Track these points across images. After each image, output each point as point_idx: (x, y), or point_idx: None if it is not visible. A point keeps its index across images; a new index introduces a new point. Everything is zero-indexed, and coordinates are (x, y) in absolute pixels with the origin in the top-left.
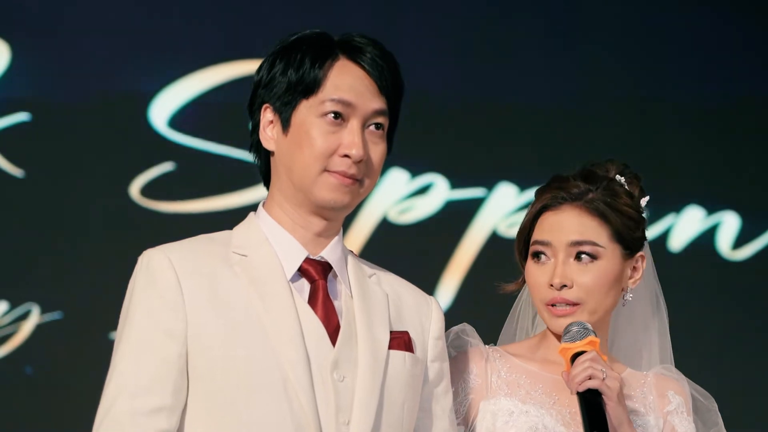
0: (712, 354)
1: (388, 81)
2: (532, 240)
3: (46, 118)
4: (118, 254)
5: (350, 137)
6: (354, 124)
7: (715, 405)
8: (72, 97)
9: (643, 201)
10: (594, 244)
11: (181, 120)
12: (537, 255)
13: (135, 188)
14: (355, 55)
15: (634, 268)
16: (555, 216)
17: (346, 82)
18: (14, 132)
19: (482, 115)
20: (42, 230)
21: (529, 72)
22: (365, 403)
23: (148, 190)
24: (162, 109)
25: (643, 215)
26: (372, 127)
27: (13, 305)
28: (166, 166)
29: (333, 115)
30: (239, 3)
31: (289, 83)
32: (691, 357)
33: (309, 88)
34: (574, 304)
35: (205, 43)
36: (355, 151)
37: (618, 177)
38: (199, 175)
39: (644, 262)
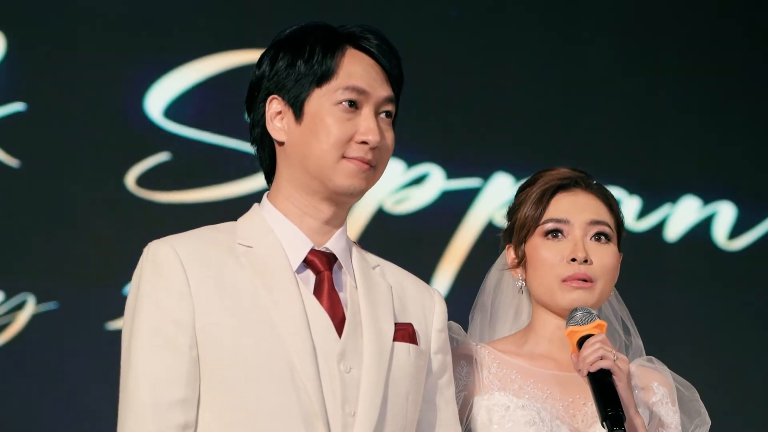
0: (707, 343)
1: (396, 70)
2: (546, 218)
3: (42, 108)
4: (114, 244)
5: (366, 123)
6: (367, 111)
7: (697, 394)
8: (68, 87)
9: None
10: (609, 226)
11: (177, 110)
12: (553, 232)
13: (131, 178)
14: (361, 44)
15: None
16: (571, 196)
17: (358, 70)
18: (10, 122)
19: (478, 105)
20: (37, 220)
21: (525, 62)
22: (371, 394)
23: (144, 180)
24: (158, 99)
25: None
26: (383, 115)
27: (9, 295)
28: (162, 156)
29: (347, 103)
30: None
31: (299, 74)
32: (687, 346)
33: (322, 76)
34: (590, 281)
35: (201, 33)
36: (372, 137)
37: None
38: (195, 165)
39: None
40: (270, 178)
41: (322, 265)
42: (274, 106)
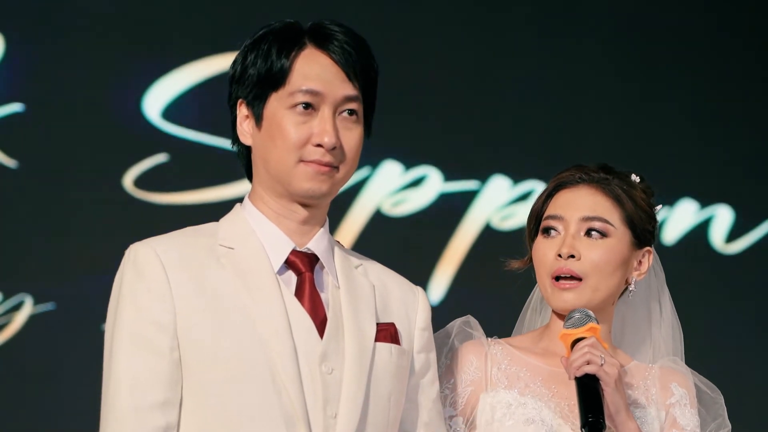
0: (704, 347)
1: (357, 66)
2: (545, 216)
3: (40, 108)
4: (112, 245)
5: (321, 126)
6: (325, 112)
7: (721, 398)
8: (66, 88)
9: (657, 207)
10: (605, 221)
11: (175, 111)
12: (547, 230)
13: (129, 179)
14: (322, 42)
15: (640, 262)
16: (570, 193)
17: (314, 71)
18: (8, 123)
19: (476, 107)
20: (35, 221)
21: (523, 65)
22: (352, 396)
23: (142, 182)
24: (156, 101)
25: (656, 217)
26: (345, 114)
27: (6, 296)
28: (160, 158)
29: (303, 105)
30: None
31: (259, 75)
32: (684, 350)
33: (277, 80)
34: (578, 279)
35: (199, 34)
36: (327, 139)
37: (635, 178)
38: (193, 166)
39: (651, 257)
40: (251, 178)
41: (303, 266)
42: (242, 110)
